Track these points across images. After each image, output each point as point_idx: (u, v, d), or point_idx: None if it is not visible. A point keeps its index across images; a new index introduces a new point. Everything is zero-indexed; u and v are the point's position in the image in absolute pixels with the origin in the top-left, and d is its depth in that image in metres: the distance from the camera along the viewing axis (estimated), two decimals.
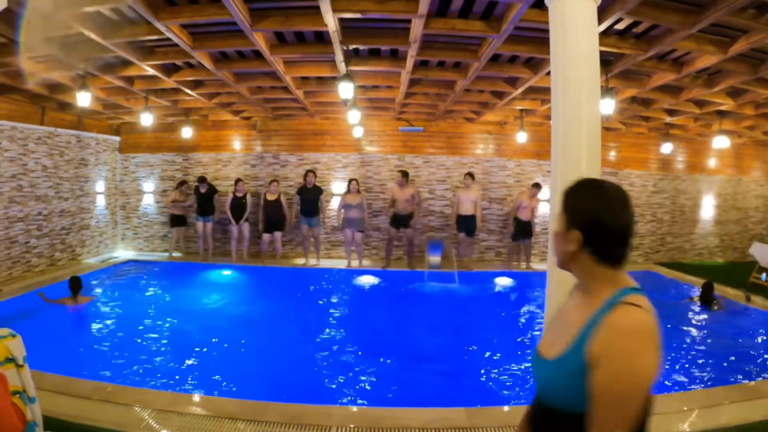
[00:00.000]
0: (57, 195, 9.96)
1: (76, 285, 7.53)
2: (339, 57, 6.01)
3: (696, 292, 8.51)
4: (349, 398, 4.85)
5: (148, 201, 12.12)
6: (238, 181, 10.69)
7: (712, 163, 13.00)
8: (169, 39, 5.63)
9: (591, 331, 1.35)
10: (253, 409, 3.92)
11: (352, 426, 3.68)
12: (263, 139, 11.89)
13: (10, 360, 2.73)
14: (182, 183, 11.21)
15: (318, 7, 4.85)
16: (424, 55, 6.21)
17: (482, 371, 5.54)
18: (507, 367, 5.65)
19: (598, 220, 1.40)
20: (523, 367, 5.59)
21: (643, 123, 10.79)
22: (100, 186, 11.36)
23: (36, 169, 9.34)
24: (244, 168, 11.84)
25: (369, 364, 5.63)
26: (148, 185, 12.10)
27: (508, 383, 5.27)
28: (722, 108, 8.77)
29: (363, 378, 5.27)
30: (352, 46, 5.85)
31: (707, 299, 7.89)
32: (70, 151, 10.36)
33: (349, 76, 6.08)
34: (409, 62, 6.29)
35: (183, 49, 5.87)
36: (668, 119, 9.95)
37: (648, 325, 1.30)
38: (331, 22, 4.91)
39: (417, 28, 5.12)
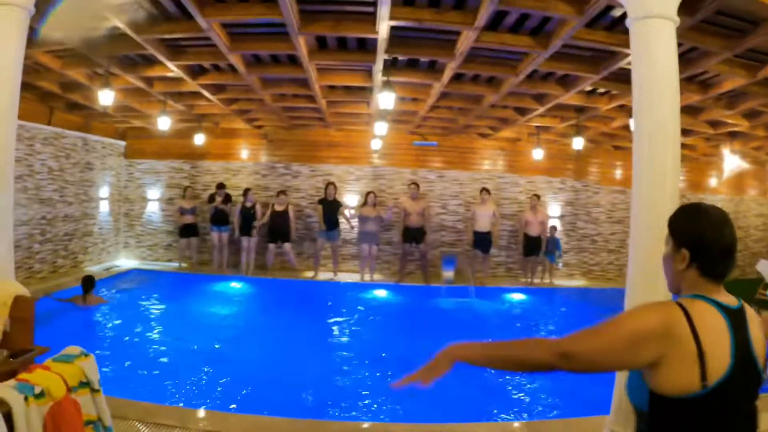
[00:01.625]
0: (61, 199, 9.64)
1: (88, 283, 7.45)
2: (378, 66, 5.90)
3: None
4: (380, 414, 4.76)
5: (153, 209, 11.80)
6: (247, 190, 10.48)
7: (713, 182, 13.12)
8: (204, 38, 5.45)
9: None
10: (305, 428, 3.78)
11: None
12: (274, 148, 11.71)
13: (85, 384, 2.42)
14: (187, 187, 10.93)
15: (371, 13, 4.77)
16: (465, 68, 6.13)
17: (509, 387, 5.55)
18: (529, 382, 5.65)
19: (703, 238, 1.52)
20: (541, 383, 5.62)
21: None
22: (104, 191, 11.04)
23: (42, 170, 9.02)
24: (255, 178, 11.61)
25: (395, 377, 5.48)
26: (154, 192, 11.79)
27: (541, 396, 5.31)
28: (736, 129, 8.88)
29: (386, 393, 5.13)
30: (395, 56, 5.76)
31: None
32: (76, 154, 10.06)
33: (390, 85, 5.97)
34: (447, 75, 6.20)
35: (218, 49, 5.67)
36: (682, 140, 10.01)
37: (667, 310, 1.43)
38: (383, 29, 4.80)
39: (468, 40, 5.04)
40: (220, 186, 10.63)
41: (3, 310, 3.19)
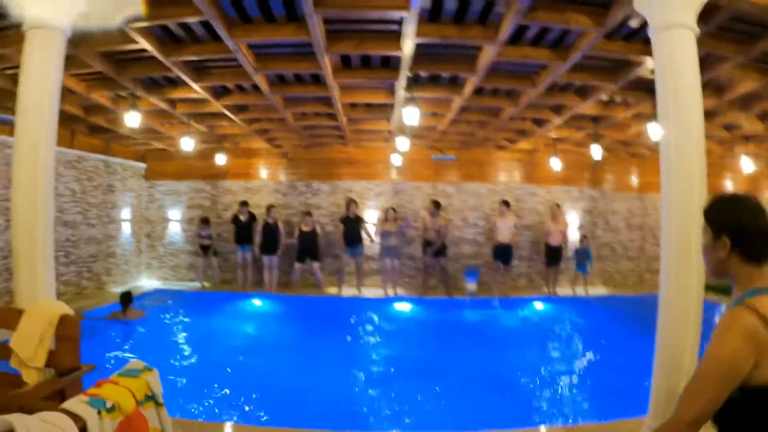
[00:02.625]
0: (85, 221, 9.79)
1: (126, 299, 7.66)
2: (400, 82, 6.00)
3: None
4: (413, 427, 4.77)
5: (175, 229, 11.93)
6: (270, 207, 10.56)
7: (728, 185, 13.06)
8: (229, 59, 5.60)
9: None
10: None
11: None
12: (294, 167, 11.83)
13: (150, 398, 2.47)
14: (203, 221, 11.02)
15: (396, 32, 4.86)
16: (486, 82, 6.21)
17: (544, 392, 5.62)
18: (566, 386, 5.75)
19: (742, 224, 1.64)
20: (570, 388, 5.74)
21: None
22: (126, 213, 11.20)
23: (65, 193, 9.18)
24: (275, 197, 11.70)
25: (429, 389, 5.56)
26: (175, 213, 11.93)
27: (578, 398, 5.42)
28: (750, 132, 8.89)
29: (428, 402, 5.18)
30: (417, 72, 5.86)
31: None
32: (98, 177, 10.23)
33: (414, 101, 6.06)
34: (468, 89, 6.30)
35: (243, 70, 5.82)
36: None
37: (741, 322, 1.51)
38: (408, 46, 4.90)
39: (489, 54, 5.13)
40: (243, 204, 10.71)
41: (49, 330, 3.25)
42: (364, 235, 10.55)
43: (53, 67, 3.65)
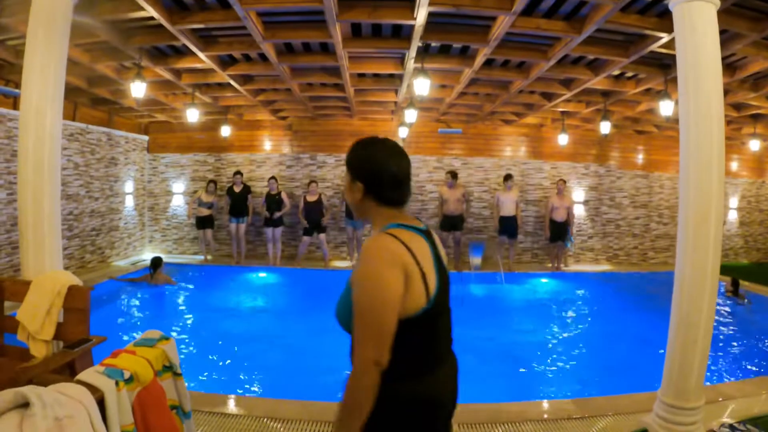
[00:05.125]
0: (88, 194, 9.71)
1: (156, 263, 8.58)
2: (411, 53, 5.88)
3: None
4: None
5: (178, 202, 11.84)
6: (271, 178, 10.47)
7: (734, 166, 13.00)
8: (237, 27, 5.46)
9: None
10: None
11: (471, 422, 3.72)
12: (299, 139, 11.70)
13: (168, 368, 2.41)
14: (211, 182, 10.82)
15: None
16: (497, 54, 6.09)
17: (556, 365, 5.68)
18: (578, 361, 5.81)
19: (374, 169, 1.68)
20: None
21: (676, 125, 10.76)
22: (128, 186, 11.11)
23: (68, 166, 9.08)
24: (280, 169, 11.61)
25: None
26: (178, 186, 11.84)
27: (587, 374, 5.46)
28: (760, 111, 8.80)
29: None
30: (429, 42, 5.73)
31: (736, 293, 8.53)
32: (101, 149, 10.11)
33: (425, 71, 5.96)
34: (479, 60, 6.17)
35: (251, 39, 5.71)
36: None
37: (387, 248, 1.55)
38: (422, 15, 4.77)
39: (503, 25, 5.00)
40: (237, 173, 10.62)
41: (57, 301, 3.21)
42: None
43: (60, 34, 3.58)
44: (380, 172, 1.68)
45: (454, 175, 10.16)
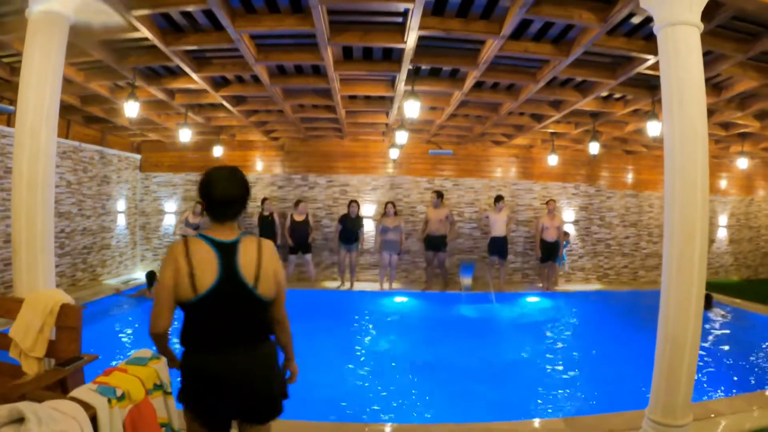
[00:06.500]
0: (80, 212, 9.69)
1: (151, 277, 8.91)
2: (402, 76, 5.99)
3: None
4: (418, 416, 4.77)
5: (170, 221, 11.84)
6: (264, 200, 10.50)
7: (723, 184, 13.18)
8: (231, 50, 5.56)
9: None
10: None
11: None
12: (290, 160, 11.77)
13: (159, 387, 2.46)
14: (198, 203, 10.75)
15: (401, 23, 4.86)
16: (487, 77, 6.21)
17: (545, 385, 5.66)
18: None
19: (203, 194, 2.28)
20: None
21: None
22: (121, 205, 11.10)
23: (60, 184, 9.05)
24: (271, 189, 11.65)
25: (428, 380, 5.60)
26: (170, 205, 11.85)
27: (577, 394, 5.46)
28: (747, 130, 8.96)
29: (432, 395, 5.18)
30: (419, 65, 5.84)
31: (709, 307, 8.86)
32: (94, 168, 10.12)
33: (415, 94, 6.06)
34: (469, 83, 6.29)
35: (243, 61, 5.80)
36: None
37: (171, 250, 2.23)
38: (412, 39, 4.88)
39: (492, 49, 5.12)
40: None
41: (50, 319, 3.22)
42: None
43: (56, 52, 3.64)
44: (207, 196, 2.27)
45: (439, 194, 10.12)
